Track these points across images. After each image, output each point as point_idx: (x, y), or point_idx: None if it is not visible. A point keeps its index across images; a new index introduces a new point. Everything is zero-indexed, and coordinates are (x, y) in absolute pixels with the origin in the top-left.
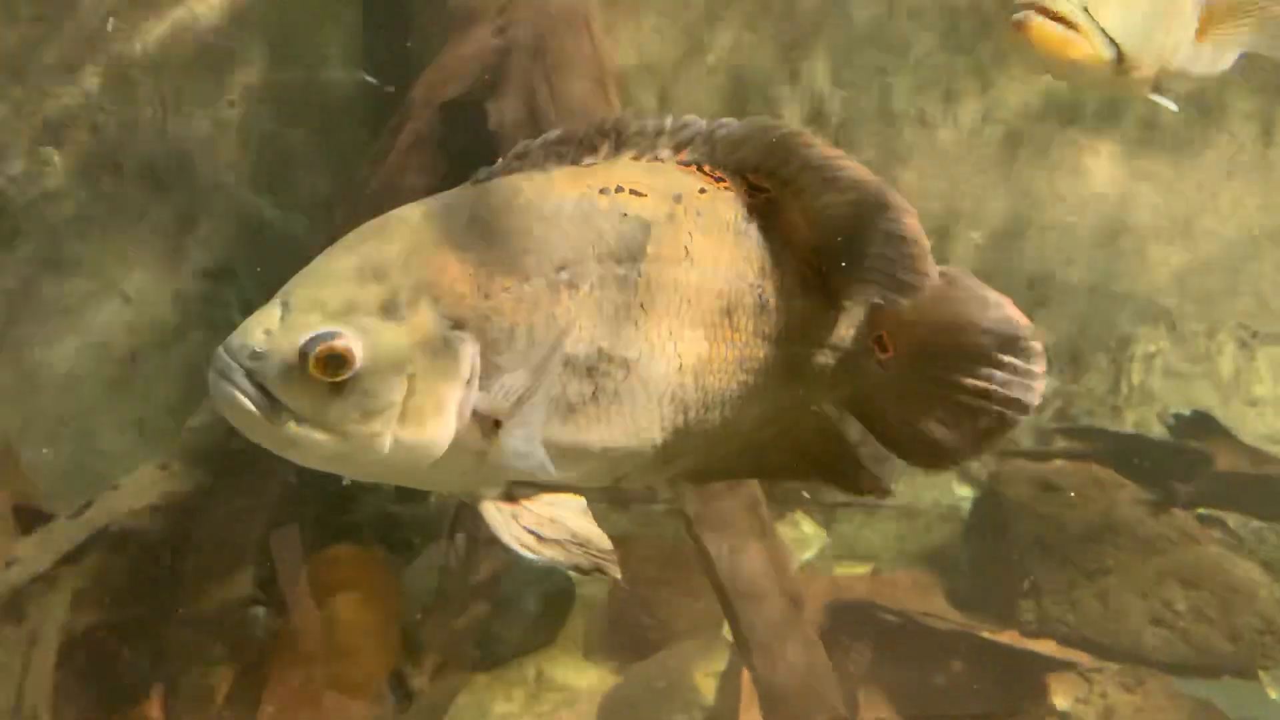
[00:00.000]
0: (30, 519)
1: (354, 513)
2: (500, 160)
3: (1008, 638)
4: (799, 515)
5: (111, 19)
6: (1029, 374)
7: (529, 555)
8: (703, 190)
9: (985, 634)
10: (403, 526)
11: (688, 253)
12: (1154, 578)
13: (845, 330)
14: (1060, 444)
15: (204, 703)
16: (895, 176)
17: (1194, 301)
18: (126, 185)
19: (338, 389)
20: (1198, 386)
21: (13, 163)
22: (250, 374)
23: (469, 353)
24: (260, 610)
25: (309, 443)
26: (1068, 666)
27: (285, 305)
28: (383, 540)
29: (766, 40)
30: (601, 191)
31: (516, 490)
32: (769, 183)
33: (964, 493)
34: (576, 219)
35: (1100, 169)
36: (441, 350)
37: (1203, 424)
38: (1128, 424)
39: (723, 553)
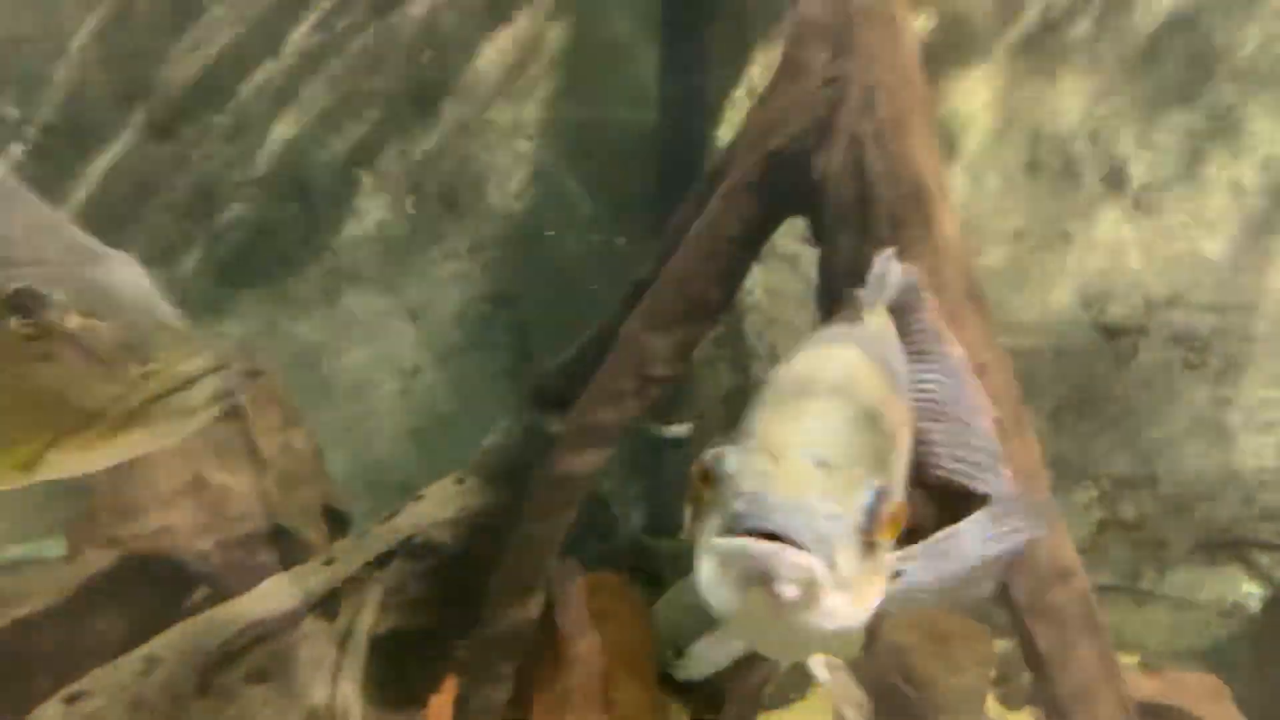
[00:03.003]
0: (334, 520)
1: (611, 540)
2: (860, 300)
3: None
4: None
5: (426, 50)
6: None
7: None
8: None
9: None
10: (654, 558)
11: None
12: None
13: None
14: None
15: (490, 717)
16: (1199, 245)
17: None
18: (425, 208)
19: (870, 550)
20: None
21: (324, 179)
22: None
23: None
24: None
25: (832, 616)
26: None
27: (821, 461)
28: (634, 570)
29: (1067, 95)
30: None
31: None
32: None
33: (1251, 589)
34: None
35: None
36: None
37: None
38: None
39: (1054, 649)
